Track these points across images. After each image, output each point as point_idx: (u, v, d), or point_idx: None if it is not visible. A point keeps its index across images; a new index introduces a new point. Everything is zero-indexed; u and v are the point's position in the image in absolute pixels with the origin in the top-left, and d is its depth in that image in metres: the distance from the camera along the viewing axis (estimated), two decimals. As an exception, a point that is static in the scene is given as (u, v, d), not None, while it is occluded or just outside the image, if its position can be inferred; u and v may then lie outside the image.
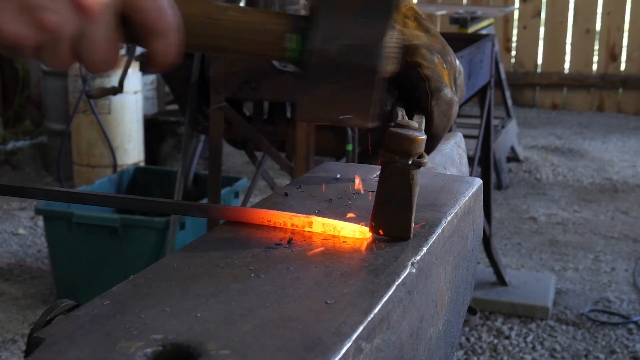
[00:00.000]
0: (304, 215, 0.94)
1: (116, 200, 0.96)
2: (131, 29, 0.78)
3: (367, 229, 0.92)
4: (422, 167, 0.91)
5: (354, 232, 0.92)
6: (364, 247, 0.90)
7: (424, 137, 0.90)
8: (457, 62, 1.07)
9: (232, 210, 0.97)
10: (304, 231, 0.94)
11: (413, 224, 0.92)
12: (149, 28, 0.78)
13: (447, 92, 1.01)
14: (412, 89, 1.02)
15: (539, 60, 7.67)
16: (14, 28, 0.72)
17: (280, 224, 0.94)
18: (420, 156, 0.90)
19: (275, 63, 2.82)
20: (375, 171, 1.18)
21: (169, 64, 0.80)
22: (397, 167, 0.90)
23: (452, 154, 1.32)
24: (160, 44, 0.79)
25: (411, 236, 0.91)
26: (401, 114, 0.98)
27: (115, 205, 0.94)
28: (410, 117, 0.99)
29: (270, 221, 0.94)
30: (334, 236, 0.92)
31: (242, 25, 0.85)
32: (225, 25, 0.85)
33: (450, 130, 1.12)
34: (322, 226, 0.93)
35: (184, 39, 0.82)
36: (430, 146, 1.04)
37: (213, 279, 0.81)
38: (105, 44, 0.76)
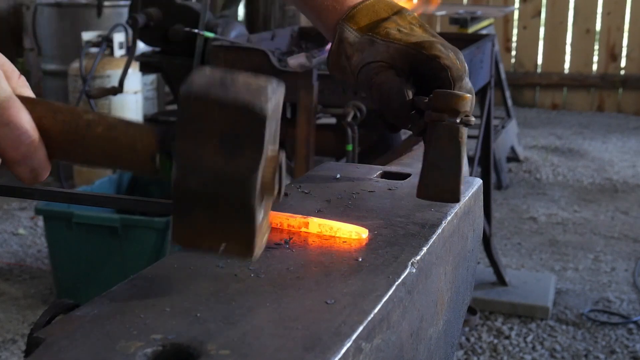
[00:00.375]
0: (300, 216, 0.94)
1: (114, 200, 0.96)
2: None
3: (364, 229, 0.92)
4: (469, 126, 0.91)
5: (350, 233, 0.92)
6: (363, 247, 0.90)
7: (471, 95, 0.91)
8: (466, 64, 1.10)
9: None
10: (304, 231, 0.94)
11: (462, 186, 0.91)
12: (5, 157, 0.77)
13: (468, 81, 1.04)
14: (433, 79, 1.04)
15: (539, 60, 7.67)
16: None
17: (277, 224, 0.94)
18: (467, 115, 0.90)
19: (276, 63, 2.82)
20: (375, 171, 1.18)
21: (39, 181, 0.80)
22: (446, 126, 0.90)
23: (452, 154, 1.32)
24: (19, 171, 0.78)
25: (460, 198, 0.91)
26: (422, 99, 0.98)
27: (112, 205, 0.93)
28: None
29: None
30: (334, 236, 0.93)
31: (109, 142, 0.79)
32: (90, 142, 0.79)
33: None
34: (318, 227, 0.93)
35: (51, 154, 0.79)
36: None
37: (213, 279, 0.81)
38: None
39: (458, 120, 0.89)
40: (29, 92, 0.80)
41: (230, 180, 0.74)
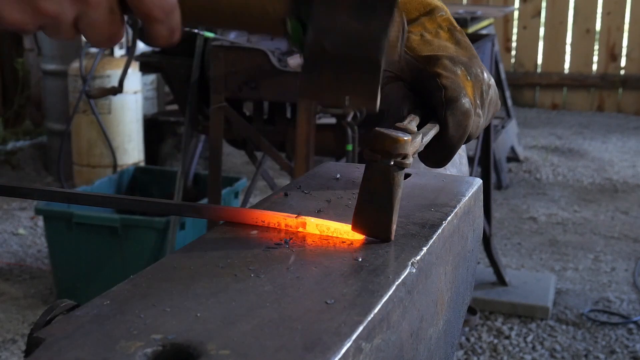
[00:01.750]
0: (295, 216, 0.94)
1: (112, 200, 0.96)
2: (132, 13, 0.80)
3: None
4: (405, 169, 0.91)
5: (347, 233, 0.92)
6: (363, 247, 0.90)
7: (408, 137, 0.90)
8: (486, 75, 1.07)
9: (226, 210, 0.97)
10: (304, 231, 0.94)
11: (394, 225, 0.91)
12: (146, 15, 0.80)
13: (465, 102, 1.01)
14: (429, 98, 1.02)
15: (539, 60, 7.67)
16: (14, 15, 0.75)
17: (275, 224, 0.94)
18: (404, 157, 0.90)
19: (276, 63, 2.82)
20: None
21: (171, 44, 0.83)
22: (379, 167, 0.90)
23: (452, 154, 1.32)
24: (159, 29, 0.81)
25: (392, 237, 0.91)
26: (409, 119, 0.97)
27: (111, 205, 0.94)
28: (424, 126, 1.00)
29: (264, 222, 0.94)
30: (334, 236, 0.92)
31: (241, 7, 0.84)
32: (223, 5, 0.84)
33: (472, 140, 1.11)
34: (315, 227, 0.93)
35: (183, 18, 0.82)
36: (445, 156, 1.04)
37: (213, 279, 0.81)
38: (105, 24, 0.79)
39: (391, 163, 0.89)
40: None
41: (363, 41, 0.81)
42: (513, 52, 7.75)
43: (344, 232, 0.92)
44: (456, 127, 1.01)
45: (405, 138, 0.89)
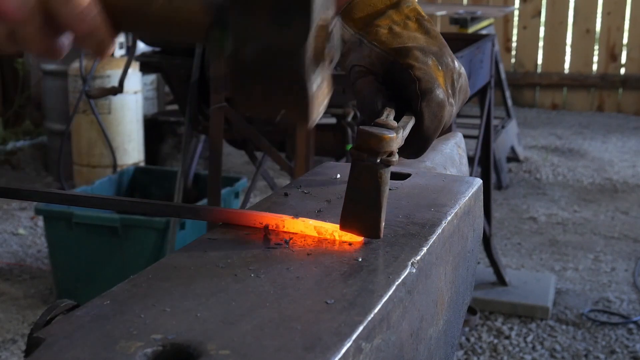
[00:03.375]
0: (292, 217, 0.94)
1: (112, 202, 0.96)
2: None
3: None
4: (391, 166, 0.90)
5: (345, 235, 0.92)
6: (363, 247, 0.90)
7: (393, 135, 0.90)
8: (457, 64, 1.06)
9: (224, 212, 0.97)
10: (303, 232, 0.94)
11: (383, 223, 0.91)
12: (72, 31, 0.80)
13: (439, 93, 1.01)
14: (404, 90, 1.02)
15: (539, 60, 7.67)
16: None
17: (273, 225, 0.94)
18: (390, 154, 0.89)
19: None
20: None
21: (104, 53, 0.83)
22: (365, 166, 0.90)
23: (452, 154, 1.32)
24: (88, 44, 0.81)
25: (381, 235, 0.91)
26: (386, 113, 0.97)
27: (111, 207, 0.94)
28: (400, 118, 0.99)
29: (262, 224, 0.94)
30: (334, 236, 0.92)
31: (169, 13, 0.81)
32: (153, 13, 0.82)
33: (450, 131, 1.12)
34: (313, 229, 0.93)
35: (117, 27, 0.82)
36: (421, 147, 1.04)
37: (213, 279, 0.81)
38: (37, 39, 0.80)
39: (378, 161, 0.89)
40: None
41: (282, 51, 0.77)
42: (513, 52, 7.75)
43: (342, 233, 0.92)
44: (432, 119, 1.01)
45: (391, 135, 0.89)
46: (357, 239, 0.91)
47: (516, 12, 7.63)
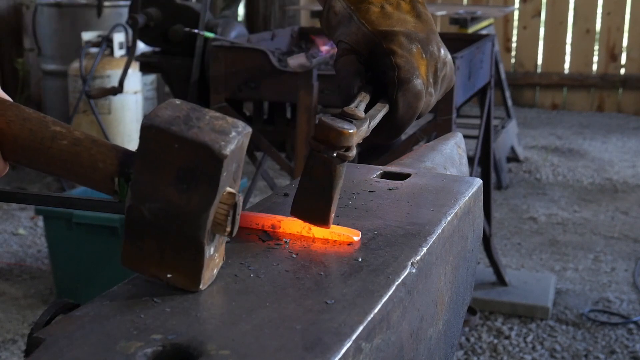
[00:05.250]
0: (285, 217, 0.94)
1: (109, 204, 0.95)
2: None
3: (356, 231, 0.92)
4: (347, 161, 0.90)
5: (340, 236, 0.92)
6: (363, 248, 0.90)
7: (353, 130, 0.89)
8: (442, 52, 1.05)
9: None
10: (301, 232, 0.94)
11: (333, 214, 0.91)
12: None
13: (417, 84, 1.00)
14: (383, 75, 1.01)
15: (539, 60, 7.67)
16: None
17: (269, 226, 0.94)
18: (347, 149, 0.89)
19: (275, 63, 2.82)
20: (375, 171, 1.18)
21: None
22: (321, 158, 0.90)
23: (452, 154, 1.32)
24: None
25: (330, 225, 0.91)
26: (358, 100, 0.97)
27: (108, 210, 0.93)
28: (376, 102, 0.99)
29: (258, 224, 0.94)
30: (333, 237, 0.92)
31: (71, 156, 0.80)
32: (53, 153, 0.81)
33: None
34: (310, 230, 0.93)
35: (14, 158, 0.83)
36: (393, 134, 1.03)
37: (213, 279, 0.81)
38: None
39: (334, 155, 0.89)
40: (3, 96, 0.83)
41: (182, 214, 0.76)
42: (513, 52, 7.74)
43: (338, 234, 0.92)
44: (406, 109, 1.00)
45: (350, 131, 0.88)
46: (357, 239, 0.92)
47: (516, 12, 7.62)
